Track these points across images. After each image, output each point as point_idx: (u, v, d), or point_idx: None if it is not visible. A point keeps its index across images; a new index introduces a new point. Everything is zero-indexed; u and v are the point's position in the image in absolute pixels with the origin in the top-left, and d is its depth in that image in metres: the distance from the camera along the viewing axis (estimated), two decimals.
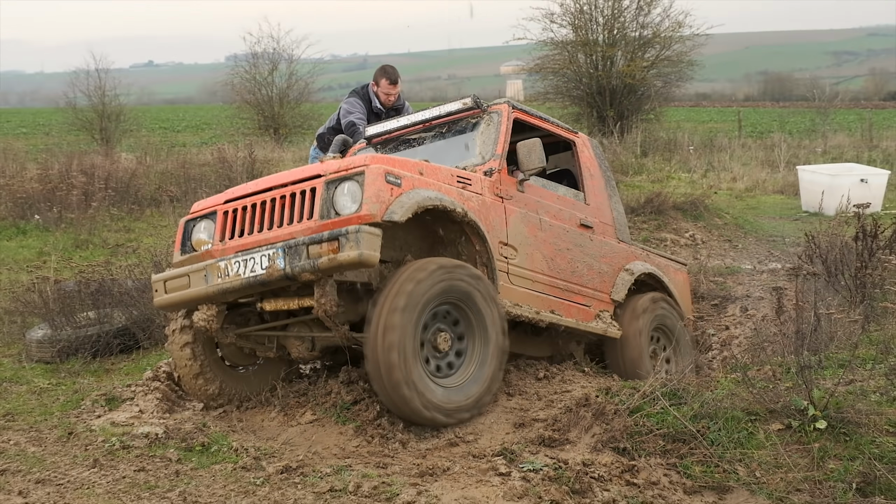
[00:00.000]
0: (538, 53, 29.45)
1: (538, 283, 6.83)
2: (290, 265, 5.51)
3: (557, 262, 7.03)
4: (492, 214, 6.46)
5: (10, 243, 12.74)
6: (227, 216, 6.12)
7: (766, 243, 14.11)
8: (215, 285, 5.87)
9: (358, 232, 5.35)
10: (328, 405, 6.06)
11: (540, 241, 6.89)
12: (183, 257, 6.33)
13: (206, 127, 38.40)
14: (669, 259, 8.61)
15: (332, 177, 5.72)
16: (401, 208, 5.61)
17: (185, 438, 5.71)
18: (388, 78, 8.43)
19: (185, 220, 6.45)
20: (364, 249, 5.33)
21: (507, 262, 6.56)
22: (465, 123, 7.13)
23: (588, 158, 7.76)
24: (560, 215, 7.17)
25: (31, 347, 8.07)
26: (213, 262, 5.92)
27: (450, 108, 7.20)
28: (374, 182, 5.59)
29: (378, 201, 5.56)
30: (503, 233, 6.55)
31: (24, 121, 41.60)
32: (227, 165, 17.15)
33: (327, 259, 5.38)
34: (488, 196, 6.50)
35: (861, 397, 5.28)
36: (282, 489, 4.87)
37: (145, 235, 13.38)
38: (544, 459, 5.11)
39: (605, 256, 7.54)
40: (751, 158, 24.05)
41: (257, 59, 31.08)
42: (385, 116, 8.47)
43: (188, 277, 6.01)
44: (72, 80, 28.96)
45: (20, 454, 5.53)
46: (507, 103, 7.12)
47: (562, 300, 7.02)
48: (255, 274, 5.67)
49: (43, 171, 15.55)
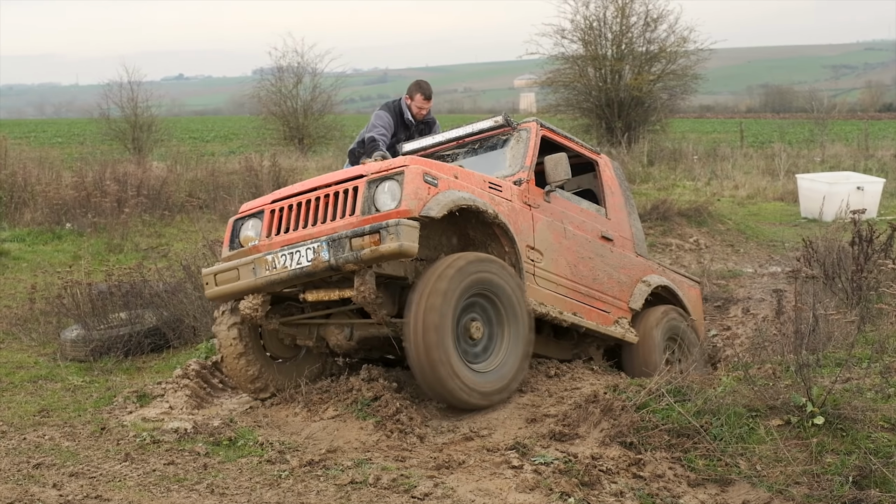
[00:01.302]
0: (550, 67, 29.74)
1: (562, 286, 7.04)
2: (334, 257, 5.80)
3: (580, 269, 7.23)
4: (520, 219, 6.70)
5: (45, 247, 12.88)
6: (273, 214, 6.42)
7: (767, 248, 14.21)
8: (263, 277, 6.15)
9: (398, 225, 5.63)
10: (349, 401, 6.20)
11: (564, 248, 7.10)
12: (231, 253, 6.61)
13: (234, 137, 38.51)
14: (684, 276, 8.78)
15: (373, 176, 6.02)
16: (437, 205, 5.89)
17: (212, 433, 5.87)
18: (423, 93, 8.60)
19: (234, 219, 6.75)
20: (404, 241, 5.61)
21: (534, 265, 6.78)
22: (495, 140, 7.39)
23: (609, 177, 7.99)
24: (583, 226, 7.38)
25: (65, 347, 8.25)
26: (261, 255, 6.20)
27: (482, 126, 7.49)
28: (413, 181, 5.88)
29: (416, 198, 5.84)
30: (530, 237, 6.77)
31: (60, 131, 41.76)
32: (253, 174, 17.30)
33: (369, 251, 5.66)
34: (517, 203, 6.74)
35: (857, 394, 5.35)
36: (305, 481, 4.99)
37: (175, 240, 13.50)
38: (555, 453, 5.22)
39: (624, 268, 7.74)
40: (752, 167, 24.05)
41: (282, 72, 31.28)
42: (415, 128, 8.67)
43: (237, 270, 6.30)
44: (105, 92, 29.16)
45: (55, 448, 5.68)
46: (536, 121, 7.37)
47: (583, 304, 7.23)
48: (301, 266, 5.96)
49: (78, 178, 15.68)
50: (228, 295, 6.47)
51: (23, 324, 9.18)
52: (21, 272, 11.57)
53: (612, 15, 28.97)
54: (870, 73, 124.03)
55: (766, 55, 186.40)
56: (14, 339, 8.86)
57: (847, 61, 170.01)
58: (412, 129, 8.68)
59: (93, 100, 32.10)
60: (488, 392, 6.04)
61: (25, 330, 9.01)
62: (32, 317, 9.33)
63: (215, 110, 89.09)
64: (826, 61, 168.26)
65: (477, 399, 5.97)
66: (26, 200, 15.02)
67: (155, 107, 29.80)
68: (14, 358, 8.22)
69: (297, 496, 4.80)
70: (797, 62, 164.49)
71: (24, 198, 15.07)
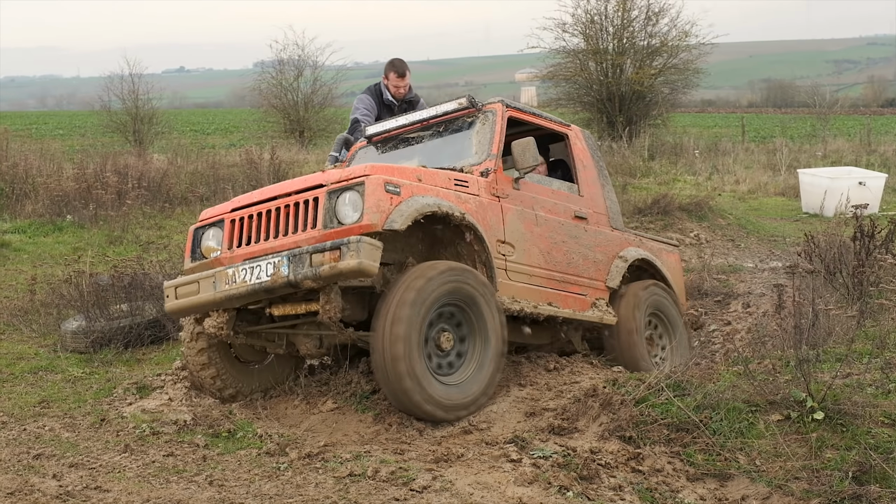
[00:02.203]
0: (551, 61, 29.77)
1: (535, 276, 6.92)
2: (293, 273, 5.63)
3: (553, 255, 7.11)
4: (489, 214, 6.55)
5: (46, 239, 12.86)
6: (234, 224, 6.25)
7: (768, 243, 14.23)
8: (223, 292, 5.97)
9: (359, 242, 5.47)
10: (348, 394, 6.22)
11: (536, 236, 6.97)
12: (193, 264, 6.48)
13: (235, 130, 38.49)
14: (661, 242, 8.61)
15: (333, 187, 5.85)
16: (400, 217, 5.75)
17: (212, 425, 5.89)
18: (396, 71, 8.61)
19: (194, 228, 6.58)
20: (364, 259, 5.45)
21: (505, 259, 6.65)
22: (461, 122, 7.20)
23: (581, 150, 7.81)
24: (555, 209, 7.24)
25: (66, 338, 8.25)
26: (222, 269, 6.02)
27: (446, 108, 7.28)
28: (374, 192, 5.72)
29: (378, 210, 5.68)
30: (500, 231, 6.64)
31: (61, 123, 41.76)
32: (254, 166, 17.29)
33: (329, 267, 5.50)
34: (485, 196, 6.60)
35: (857, 390, 5.36)
36: (304, 473, 5.00)
37: (176, 232, 13.47)
38: (554, 447, 5.24)
39: (600, 245, 7.60)
40: (753, 162, 24.10)
41: (283, 65, 31.28)
42: (398, 109, 8.63)
43: (198, 284, 6.12)
44: (107, 85, 29.21)
45: (55, 439, 5.70)
46: (501, 102, 7.19)
47: (559, 291, 7.10)
48: (261, 281, 5.78)
49: (79, 170, 15.63)
50: (188, 309, 6.29)
51: (23, 315, 9.18)
52: (22, 264, 11.57)
53: (613, 9, 29.00)
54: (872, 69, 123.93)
55: (768, 50, 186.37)
56: (14, 331, 8.86)
57: (849, 56, 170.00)
58: (395, 109, 8.68)
59: (94, 92, 32.13)
60: (455, 405, 5.89)
61: (26, 321, 9.01)
62: (33, 308, 9.33)
63: (216, 103, 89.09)
64: (828, 56, 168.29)
65: (442, 413, 5.82)
66: (27, 192, 15.00)
67: (156, 99, 29.86)
68: (14, 349, 8.23)
69: (295, 488, 4.80)
70: (799, 57, 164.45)
71: (26, 189, 15.06)
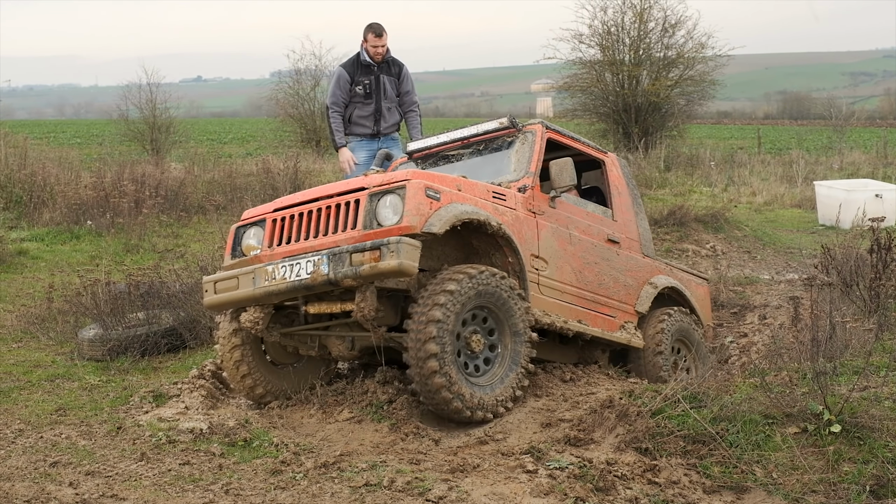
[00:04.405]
0: (567, 72, 29.68)
1: (567, 293, 7.02)
2: (333, 271, 5.77)
3: (585, 275, 7.22)
4: (524, 228, 6.67)
5: (64, 247, 12.93)
6: (275, 224, 6.40)
7: (784, 255, 14.18)
8: (262, 287, 6.13)
9: (399, 243, 5.60)
10: (364, 404, 6.23)
11: (569, 255, 7.08)
12: (233, 261, 6.60)
13: (252, 139, 38.59)
14: (691, 273, 8.77)
15: (375, 190, 5.99)
16: (439, 221, 5.86)
17: (228, 434, 5.89)
18: (373, 31, 8.86)
19: (235, 227, 6.73)
20: (404, 259, 5.58)
21: (538, 273, 6.76)
22: (501, 142, 7.38)
23: (616, 177, 7.96)
24: (589, 230, 7.37)
25: (83, 346, 8.27)
26: (262, 265, 6.18)
27: (487, 127, 7.47)
28: (414, 196, 5.84)
29: (418, 214, 5.81)
30: (535, 246, 6.75)
31: (79, 131, 41.94)
32: (271, 176, 17.33)
33: (369, 267, 5.63)
34: (521, 211, 6.71)
35: (875, 403, 5.34)
36: (319, 483, 5.01)
37: (192, 241, 13.52)
38: (570, 458, 5.23)
39: (631, 270, 7.73)
40: (770, 174, 24.01)
41: (300, 75, 31.25)
42: (378, 69, 8.93)
43: (237, 279, 6.29)
44: (124, 94, 29.25)
45: (71, 447, 5.71)
46: (541, 123, 7.34)
47: (588, 311, 7.21)
48: (301, 278, 5.93)
49: (96, 179, 15.71)
50: (227, 304, 6.47)
51: (41, 323, 9.22)
52: (39, 271, 11.63)
53: (629, 20, 28.96)
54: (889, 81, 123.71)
55: (784, 62, 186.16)
56: (32, 338, 8.90)
57: (866, 68, 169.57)
58: (374, 69, 8.98)
59: (112, 101, 32.20)
60: (486, 406, 5.99)
61: (43, 329, 9.05)
62: (50, 316, 9.37)
63: (233, 112, 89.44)
64: (844, 68, 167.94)
65: (472, 413, 5.93)
66: (45, 200, 15.08)
67: (173, 108, 29.87)
68: (32, 357, 8.26)
69: (311, 498, 4.82)
70: (815, 69, 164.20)
71: (44, 197, 15.14)
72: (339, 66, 9.19)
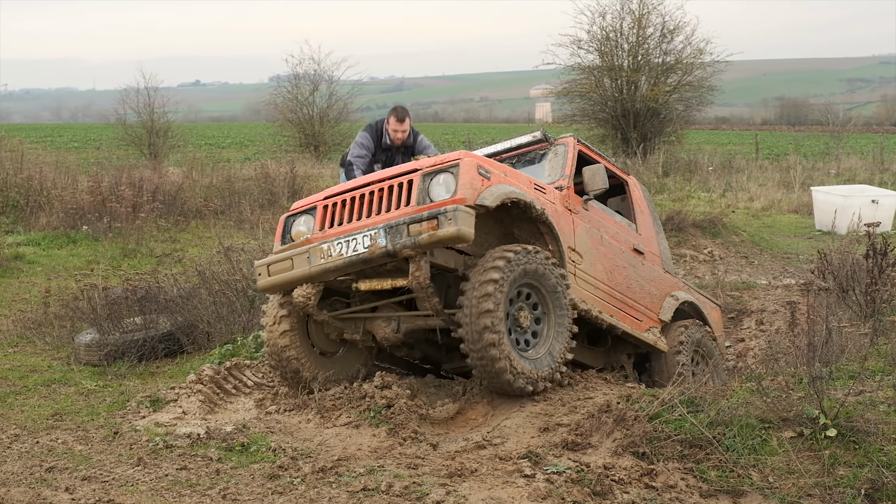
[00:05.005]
0: (566, 77, 29.95)
1: (599, 289, 7.23)
2: (391, 242, 6.00)
3: (615, 276, 7.43)
4: (562, 222, 6.89)
5: (60, 252, 12.94)
6: (326, 210, 6.60)
7: (781, 260, 14.27)
8: (318, 265, 6.33)
9: (455, 210, 5.84)
10: (363, 409, 6.24)
11: (601, 255, 7.30)
12: (283, 247, 6.75)
13: (250, 144, 38.68)
14: (706, 297, 8.97)
15: (428, 169, 6.25)
16: (491, 196, 6.13)
17: (225, 439, 5.86)
18: (396, 116, 8.77)
19: (285, 216, 6.94)
20: (461, 226, 5.82)
21: (575, 265, 6.97)
22: (533, 155, 7.64)
23: (639, 197, 8.26)
24: (617, 237, 7.60)
25: (79, 351, 8.28)
26: (316, 244, 6.37)
27: (520, 141, 7.73)
28: (467, 172, 6.11)
29: (471, 188, 6.07)
30: (571, 240, 6.98)
31: (76, 135, 42.00)
32: (269, 180, 17.38)
33: (427, 235, 5.87)
34: (559, 206, 6.97)
35: (870, 407, 5.37)
36: (317, 488, 5.01)
37: (190, 246, 13.55)
38: (567, 462, 5.24)
39: (654, 281, 7.95)
40: (767, 179, 24.15)
41: (299, 79, 31.44)
42: (395, 151, 8.84)
43: (291, 260, 6.48)
44: (122, 98, 29.36)
45: (68, 452, 5.70)
46: (573, 137, 7.63)
47: (618, 309, 7.42)
48: (358, 252, 6.15)
49: (94, 183, 15.74)
50: (281, 285, 6.61)
51: (37, 327, 9.23)
52: (36, 276, 11.64)
53: (628, 26, 29.09)
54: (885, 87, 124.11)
55: (781, 68, 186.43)
56: (28, 343, 8.91)
57: (862, 75, 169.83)
58: (392, 151, 8.86)
59: (109, 105, 32.29)
60: (537, 378, 6.21)
61: (40, 334, 9.06)
62: (47, 321, 9.38)
63: (231, 117, 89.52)
64: (842, 75, 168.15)
65: (524, 384, 6.13)
66: (42, 204, 15.10)
67: (171, 112, 30.01)
68: (28, 361, 8.26)
69: (309, 502, 4.82)
70: (813, 75, 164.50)
71: (40, 202, 15.15)
72: (364, 131, 8.95)
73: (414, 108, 74.41)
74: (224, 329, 8.55)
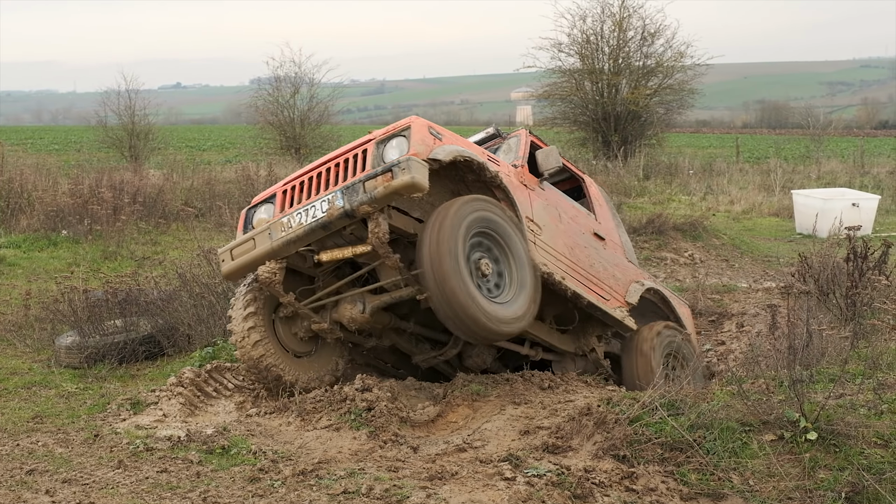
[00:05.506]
0: (547, 80, 30.09)
1: (561, 262, 7.22)
2: (348, 202, 6.00)
3: (577, 253, 7.44)
4: (518, 193, 6.92)
5: (41, 254, 12.89)
6: (285, 194, 6.64)
7: (762, 263, 14.34)
8: (280, 239, 6.32)
9: (408, 161, 5.86)
10: (343, 411, 6.23)
11: (561, 231, 7.32)
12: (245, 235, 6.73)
13: (231, 146, 38.64)
14: (674, 295, 8.98)
15: (381, 136, 6.32)
16: (443, 151, 6.21)
17: (206, 441, 5.85)
18: None
19: (245, 210, 6.99)
20: (415, 174, 5.84)
21: (535, 235, 6.98)
22: (489, 149, 7.65)
23: (596, 193, 8.33)
24: (577, 220, 7.64)
25: (60, 353, 8.23)
26: (276, 220, 6.39)
27: (475, 139, 7.82)
28: (419, 131, 6.22)
29: (423, 145, 6.17)
30: (529, 210, 7.01)
31: (57, 138, 41.86)
32: (250, 183, 17.35)
33: (383, 188, 5.87)
34: (514, 179, 7.00)
35: (850, 410, 5.40)
36: (297, 491, 4.99)
37: (171, 248, 13.51)
38: (548, 465, 5.23)
39: (618, 266, 7.97)
40: (748, 183, 24.28)
41: (280, 82, 31.42)
42: None
43: (253, 240, 6.48)
44: (103, 100, 29.29)
45: (48, 455, 5.66)
46: (525, 129, 7.71)
47: (582, 284, 7.39)
48: (317, 218, 6.15)
49: (74, 185, 15.68)
50: (246, 267, 6.59)
51: (17, 330, 9.18)
52: (16, 278, 11.58)
53: (609, 29, 29.21)
54: (866, 91, 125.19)
55: (762, 71, 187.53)
56: (8, 345, 8.85)
57: (843, 78, 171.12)
58: None
59: (90, 107, 32.17)
60: (507, 319, 6.21)
61: (20, 336, 9.00)
62: (27, 323, 9.33)
63: (212, 119, 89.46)
64: (822, 78, 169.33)
65: (495, 325, 6.11)
66: (23, 207, 15.03)
67: (152, 115, 29.93)
68: (8, 364, 8.21)
69: None
70: (793, 78, 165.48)
71: (21, 204, 15.09)
72: None
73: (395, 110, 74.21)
74: (204, 332, 8.51)
